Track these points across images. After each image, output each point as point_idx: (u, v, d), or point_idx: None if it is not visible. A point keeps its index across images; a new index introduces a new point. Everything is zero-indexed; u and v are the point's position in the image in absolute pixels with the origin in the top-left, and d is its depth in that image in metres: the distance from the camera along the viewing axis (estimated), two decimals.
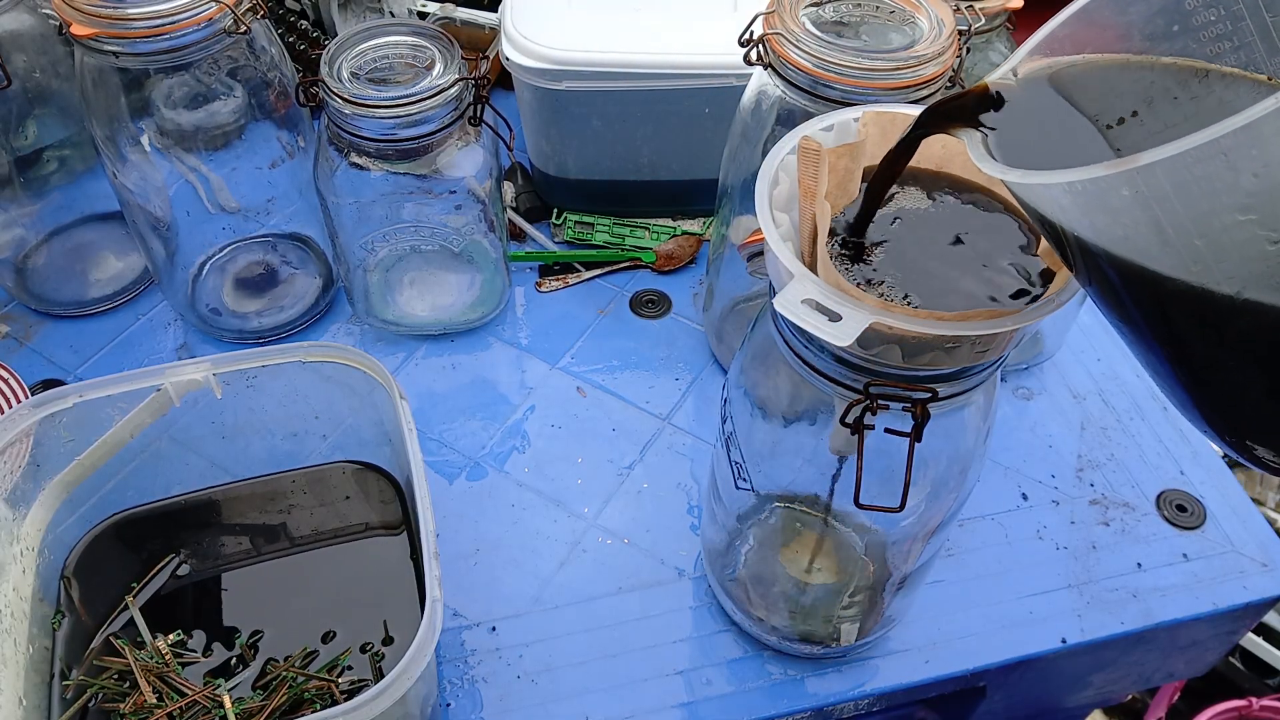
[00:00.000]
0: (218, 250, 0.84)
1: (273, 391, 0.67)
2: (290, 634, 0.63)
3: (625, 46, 0.79)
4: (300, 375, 0.66)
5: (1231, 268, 0.30)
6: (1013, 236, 0.47)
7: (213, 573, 0.67)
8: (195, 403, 0.65)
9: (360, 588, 0.66)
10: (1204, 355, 0.34)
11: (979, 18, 0.70)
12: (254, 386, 0.66)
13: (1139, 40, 0.39)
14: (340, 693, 0.60)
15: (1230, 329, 0.31)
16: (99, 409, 0.63)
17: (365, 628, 0.64)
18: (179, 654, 0.62)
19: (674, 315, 0.86)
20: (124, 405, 0.63)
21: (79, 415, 0.62)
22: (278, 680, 0.61)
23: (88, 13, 0.62)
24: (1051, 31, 0.40)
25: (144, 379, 0.63)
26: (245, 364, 0.64)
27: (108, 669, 0.61)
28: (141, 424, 0.64)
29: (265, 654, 0.62)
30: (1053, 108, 0.40)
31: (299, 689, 0.60)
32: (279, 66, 0.72)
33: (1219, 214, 0.29)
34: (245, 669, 0.62)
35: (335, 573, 0.67)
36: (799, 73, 0.58)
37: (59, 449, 0.63)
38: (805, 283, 0.41)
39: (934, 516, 0.55)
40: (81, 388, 0.62)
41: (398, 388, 0.62)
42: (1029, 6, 0.78)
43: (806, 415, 0.53)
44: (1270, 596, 0.69)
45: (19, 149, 0.80)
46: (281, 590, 0.66)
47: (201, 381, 0.64)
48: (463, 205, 0.75)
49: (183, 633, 0.63)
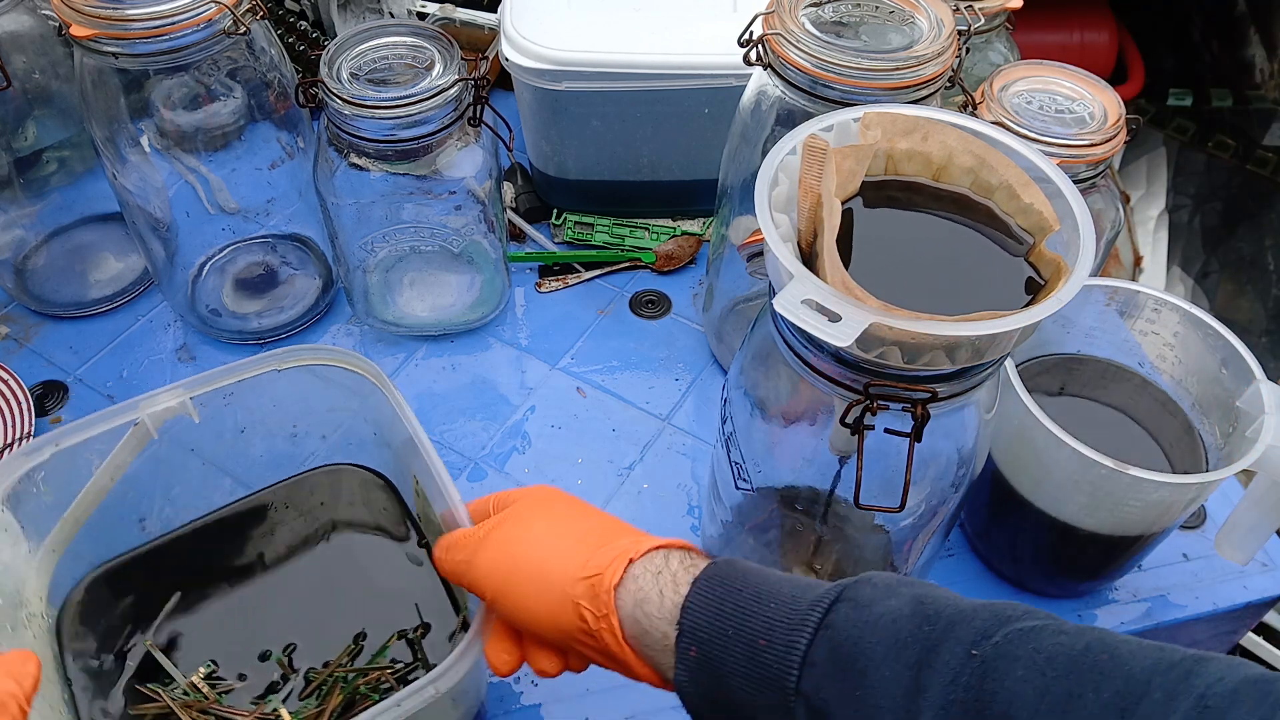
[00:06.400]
0: (217, 251, 0.84)
1: (253, 405, 0.64)
2: (321, 640, 0.62)
3: (625, 46, 0.79)
4: (279, 383, 0.63)
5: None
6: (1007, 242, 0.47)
7: (221, 600, 0.65)
8: (169, 429, 0.62)
9: (375, 582, 0.65)
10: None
11: (978, 18, 0.70)
12: (231, 403, 0.63)
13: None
14: (393, 678, 0.59)
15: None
16: (77, 456, 0.59)
17: (393, 619, 0.63)
18: (214, 684, 0.60)
19: (674, 315, 0.86)
20: (101, 447, 0.60)
21: (56, 466, 0.59)
22: (330, 683, 0.59)
23: (87, 14, 0.62)
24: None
25: (118, 416, 0.60)
26: (221, 381, 0.62)
27: (144, 716, 0.59)
28: (122, 465, 0.61)
29: (302, 664, 0.61)
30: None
31: (351, 687, 0.59)
32: (278, 67, 0.72)
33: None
34: (287, 683, 0.60)
35: (346, 573, 0.66)
36: (799, 73, 0.58)
37: (39, 504, 0.59)
38: (805, 283, 0.41)
39: (935, 516, 0.55)
40: (56, 436, 0.58)
41: (388, 381, 0.61)
42: (1028, 6, 0.78)
43: (806, 415, 0.53)
44: (1270, 596, 0.69)
45: (19, 150, 0.80)
46: (299, 600, 0.65)
47: (177, 408, 0.61)
48: (462, 206, 0.75)
49: (213, 663, 0.61)
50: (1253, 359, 0.59)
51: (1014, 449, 0.61)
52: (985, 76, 0.67)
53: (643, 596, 0.44)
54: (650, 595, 0.44)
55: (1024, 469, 0.61)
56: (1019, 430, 0.58)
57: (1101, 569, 0.65)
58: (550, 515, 0.49)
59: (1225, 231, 1.50)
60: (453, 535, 0.51)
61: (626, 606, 0.44)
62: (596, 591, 0.44)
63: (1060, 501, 0.60)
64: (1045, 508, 0.61)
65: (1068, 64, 0.67)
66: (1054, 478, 0.59)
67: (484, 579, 0.48)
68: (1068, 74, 0.67)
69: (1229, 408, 0.60)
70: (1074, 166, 0.63)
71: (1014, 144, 0.48)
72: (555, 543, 0.47)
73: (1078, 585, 0.68)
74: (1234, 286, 1.47)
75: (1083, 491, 0.58)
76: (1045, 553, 0.65)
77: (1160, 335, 0.64)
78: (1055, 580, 0.68)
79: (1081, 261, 0.43)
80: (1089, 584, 0.68)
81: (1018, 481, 0.62)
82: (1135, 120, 0.66)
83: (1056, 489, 0.60)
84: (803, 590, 0.42)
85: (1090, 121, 0.64)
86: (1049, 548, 0.64)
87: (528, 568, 0.47)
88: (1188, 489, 0.56)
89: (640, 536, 0.47)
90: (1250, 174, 1.51)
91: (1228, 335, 0.61)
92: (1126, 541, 0.61)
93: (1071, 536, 0.61)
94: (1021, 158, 0.48)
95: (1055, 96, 0.66)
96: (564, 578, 0.45)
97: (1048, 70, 0.67)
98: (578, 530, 0.48)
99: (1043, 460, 0.58)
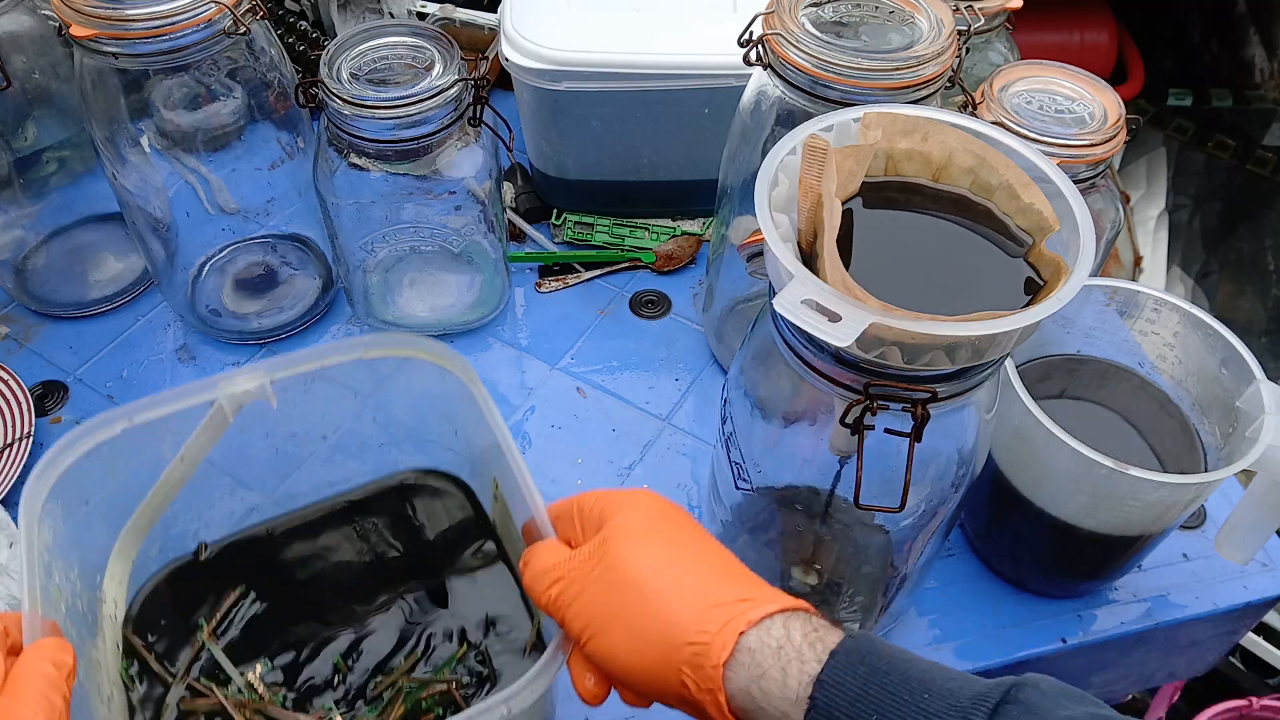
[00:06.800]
0: (217, 251, 0.84)
1: (330, 395, 0.60)
2: (385, 646, 0.60)
3: (625, 47, 0.79)
4: (358, 374, 0.59)
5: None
6: (1006, 243, 0.47)
7: (285, 601, 0.63)
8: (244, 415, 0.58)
9: (446, 589, 0.63)
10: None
11: (978, 18, 0.70)
12: (310, 392, 0.58)
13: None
14: (459, 692, 0.58)
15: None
16: (149, 434, 0.55)
17: (462, 628, 0.61)
18: (270, 686, 0.58)
19: (674, 315, 0.86)
20: (175, 426, 0.56)
21: (127, 444, 0.54)
22: (393, 693, 0.58)
23: (87, 14, 0.62)
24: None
25: (193, 395, 0.55)
26: (303, 366, 0.57)
27: (195, 713, 0.57)
28: (204, 448, 0.57)
29: (363, 670, 0.59)
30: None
31: (414, 699, 0.57)
32: (278, 67, 0.72)
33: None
34: (345, 688, 0.58)
35: (416, 578, 0.64)
36: (798, 73, 0.58)
37: (111, 483, 0.55)
38: (805, 283, 0.41)
39: (935, 516, 0.55)
40: (128, 411, 0.54)
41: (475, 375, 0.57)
42: (1028, 6, 0.78)
43: (806, 415, 0.53)
44: (1270, 596, 0.69)
45: (19, 150, 0.80)
46: (365, 605, 0.62)
47: (256, 392, 0.56)
48: (462, 206, 0.75)
49: (270, 662, 0.59)
50: (1253, 359, 0.59)
51: (1014, 449, 0.61)
52: (985, 76, 0.67)
53: (760, 673, 0.40)
54: (771, 674, 0.40)
55: (1024, 469, 0.61)
56: (1019, 430, 0.58)
57: (1101, 569, 0.66)
58: (657, 550, 0.44)
59: (1225, 231, 1.50)
60: (542, 558, 0.47)
61: (738, 681, 0.40)
62: (702, 664, 0.40)
63: (1060, 501, 0.60)
64: (1045, 507, 0.61)
65: (1068, 64, 0.67)
66: (1054, 478, 0.59)
67: (575, 619, 0.44)
68: (1068, 74, 0.67)
69: (1229, 408, 0.60)
70: (1074, 166, 0.63)
71: (1014, 144, 0.48)
72: (661, 591, 0.42)
73: (1078, 585, 0.68)
74: (1234, 286, 1.47)
75: (1083, 492, 0.58)
76: (1045, 553, 0.65)
77: (1160, 335, 0.64)
78: (1055, 580, 0.68)
79: (1081, 261, 0.43)
80: (1089, 584, 0.68)
81: (1018, 481, 0.62)
82: (1135, 120, 0.66)
83: (1056, 489, 0.60)
84: (958, 684, 0.39)
85: (1090, 121, 0.64)
86: (1049, 548, 0.64)
87: (627, 616, 0.42)
88: (1188, 489, 0.56)
89: (756, 590, 0.43)
90: (1250, 174, 1.51)
91: (1228, 335, 0.61)
92: (1126, 541, 0.61)
93: (1071, 536, 0.61)
94: (1021, 158, 0.48)
95: (1055, 96, 0.66)
96: (668, 639, 0.41)
97: (1048, 70, 0.67)
98: (689, 575, 0.43)
99: (1043, 460, 0.59)
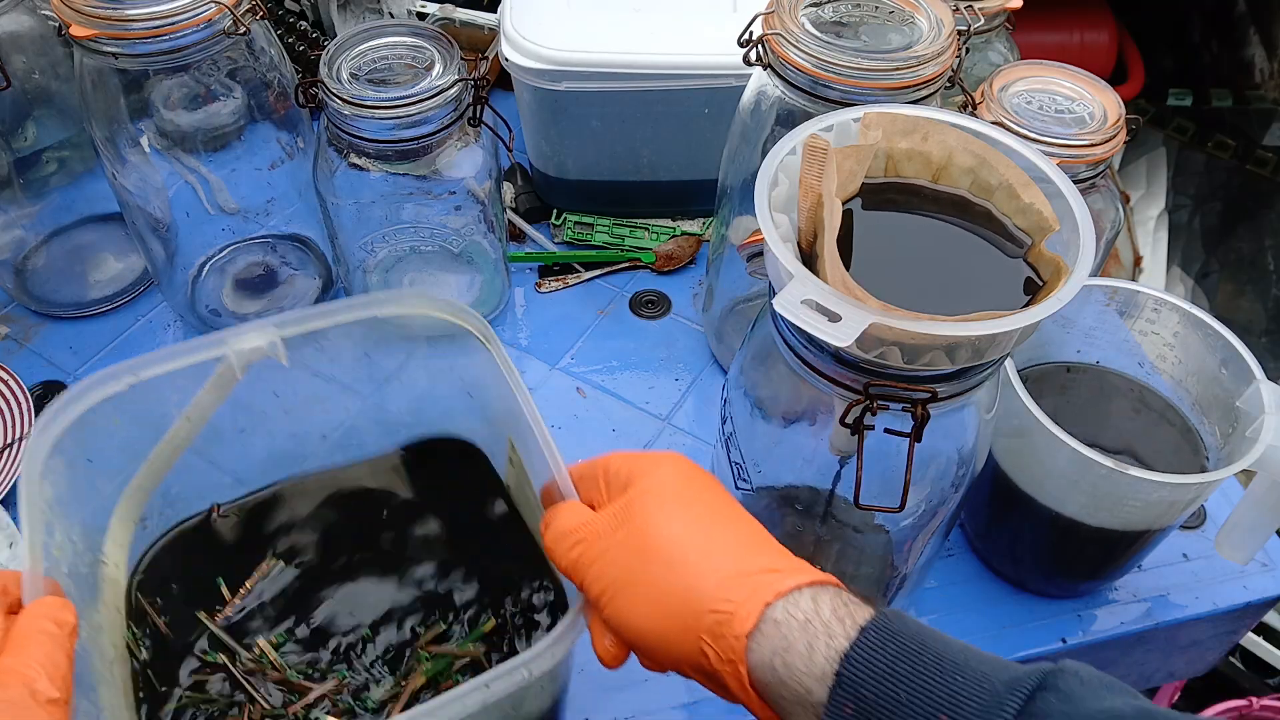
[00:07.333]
0: (217, 251, 0.84)
1: (340, 355, 0.59)
2: (406, 615, 0.60)
3: (625, 46, 0.79)
4: (372, 333, 0.58)
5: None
6: (1006, 243, 0.47)
7: (300, 570, 0.61)
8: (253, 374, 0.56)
9: (463, 556, 0.62)
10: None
11: (978, 18, 0.70)
12: (322, 349, 0.56)
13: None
14: (483, 658, 0.57)
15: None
16: (155, 391, 0.53)
17: (482, 595, 0.60)
18: (283, 654, 0.57)
19: (674, 315, 0.86)
20: (182, 383, 0.54)
21: (133, 400, 0.52)
22: (413, 663, 0.57)
23: (87, 14, 0.61)
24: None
25: (201, 350, 0.53)
26: (314, 324, 0.55)
27: (207, 682, 0.57)
28: (211, 405, 0.55)
29: (383, 640, 0.58)
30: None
31: (435, 669, 0.56)
32: (278, 67, 0.72)
33: None
34: (356, 656, 0.58)
35: (433, 546, 0.62)
36: (798, 73, 0.58)
37: (114, 439, 0.53)
38: (805, 283, 0.41)
39: (935, 516, 0.55)
40: (134, 366, 0.52)
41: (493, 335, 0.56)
42: (1028, 6, 0.78)
43: (806, 415, 0.53)
44: (1270, 596, 0.69)
45: (19, 150, 0.80)
46: (383, 573, 0.61)
47: (265, 349, 0.54)
48: (462, 206, 0.75)
49: (287, 635, 0.58)
50: (1253, 359, 0.59)
51: (1014, 449, 0.61)
52: (985, 76, 0.67)
53: (785, 646, 0.38)
54: (796, 647, 0.38)
55: (1024, 469, 0.61)
56: (1019, 430, 0.58)
57: (1101, 569, 0.66)
58: (685, 515, 0.43)
59: (1225, 231, 1.50)
60: (564, 519, 0.45)
61: (761, 653, 0.39)
62: (724, 633, 0.39)
63: (1060, 501, 0.60)
64: (1045, 507, 0.61)
65: (1068, 64, 0.67)
66: (1054, 478, 0.59)
67: (595, 581, 0.43)
68: (1068, 74, 0.67)
69: (1229, 408, 0.60)
70: (1074, 166, 0.63)
71: (1014, 144, 0.48)
72: (686, 556, 0.41)
73: (1078, 585, 0.68)
74: (1234, 286, 1.47)
75: (1082, 491, 0.58)
76: (1045, 552, 0.65)
77: (1160, 335, 0.64)
78: (1055, 580, 0.68)
79: (1081, 261, 0.43)
80: (1089, 584, 0.68)
81: (1018, 481, 0.62)
82: (1135, 120, 0.66)
83: (1056, 489, 0.60)
84: (992, 667, 0.37)
85: (1090, 121, 0.64)
86: (1049, 547, 0.64)
87: (649, 580, 0.41)
88: (1188, 489, 0.56)
89: (785, 562, 0.41)
90: (1250, 174, 1.51)
91: (1228, 335, 0.61)
92: (1126, 541, 0.61)
93: (1071, 536, 0.61)
94: (1021, 158, 0.48)
95: (1055, 96, 0.66)
96: (689, 605, 0.40)
97: (1048, 70, 0.67)
98: (716, 542, 0.42)
99: (1042, 460, 0.59)
